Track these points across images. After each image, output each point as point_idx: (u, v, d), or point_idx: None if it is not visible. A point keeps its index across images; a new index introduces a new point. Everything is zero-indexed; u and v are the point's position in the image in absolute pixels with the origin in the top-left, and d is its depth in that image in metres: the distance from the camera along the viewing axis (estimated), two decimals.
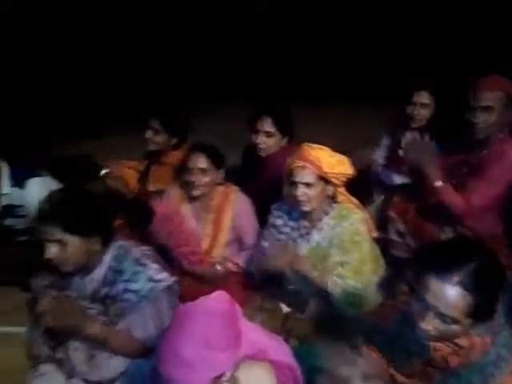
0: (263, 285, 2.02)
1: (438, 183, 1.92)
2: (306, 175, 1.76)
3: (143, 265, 1.50)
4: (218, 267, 2.06)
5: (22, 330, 1.95)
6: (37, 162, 2.45)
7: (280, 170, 1.94)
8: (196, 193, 1.99)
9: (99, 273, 1.49)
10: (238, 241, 2.14)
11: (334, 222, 1.85)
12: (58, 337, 1.51)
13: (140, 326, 1.47)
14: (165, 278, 1.52)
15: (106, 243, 1.48)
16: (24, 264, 2.06)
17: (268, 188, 2.12)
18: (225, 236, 2.06)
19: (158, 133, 2.31)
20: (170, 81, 5.35)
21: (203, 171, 1.98)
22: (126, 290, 1.46)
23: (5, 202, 2.22)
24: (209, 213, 2.07)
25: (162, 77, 5.47)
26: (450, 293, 1.00)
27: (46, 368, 1.56)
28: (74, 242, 1.38)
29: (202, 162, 1.97)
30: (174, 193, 2.12)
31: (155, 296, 1.48)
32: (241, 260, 2.09)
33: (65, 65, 5.20)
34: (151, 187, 2.35)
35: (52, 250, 1.37)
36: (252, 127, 2.33)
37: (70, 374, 1.54)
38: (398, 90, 2.57)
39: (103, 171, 2.32)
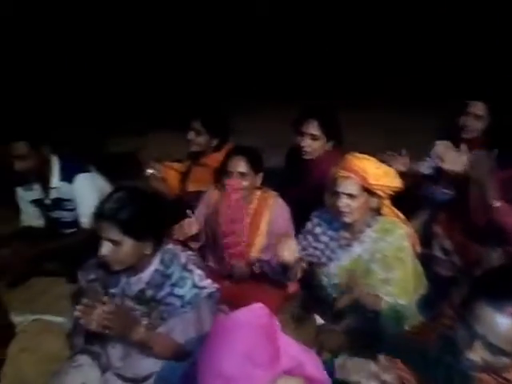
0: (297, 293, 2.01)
1: (497, 203, 1.82)
2: (349, 186, 1.71)
3: (189, 270, 1.51)
4: (256, 266, 2.05)
5: (64, 320, 2.05)
6: (85, 157, 2.55)
7: (324, 174, 1.90)
8: (235, 197, 2.00)
9: (146, 274, 1.52)
10: (273, 245, 2.12)
11: (376, 235, 1.79)
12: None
13: (181, 330, 1.48)
14: (208, 285, 1.53)
15: (157, 247, 1.50)
16: (70, 256, 2.15)
17: (310, 193, 2.09)
18: (261, 241, 2.06)
19: (199, 134, 2.33)
20: (211, 80, 5.40)
21: (242, 175, 1.98)
22: (171, 294, 1.49)
23: (54, 195, 2.32)
24: (247, 216, 2.06)
25: (205, 76, 5.52)
26: (503, 322, 0.95)
27: (83, 359, 1.60)
28: (128, 244, 1.40)
29: (241, 165, 1.98)
30: (213, 195, 2.13)
31: (198, 302, 1.49)
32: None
33: (112, 62, 5.33)
34: (190, 188, 2.38)
35: (107, 249, 1.40)
36: (297, 129, 2.31)
37: (105, 368, 1.59)
38: (444, 96, 2.46)
39: (147, 172, 2.36)
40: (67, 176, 2.28)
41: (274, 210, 2.08)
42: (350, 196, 1.71)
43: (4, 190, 2.45)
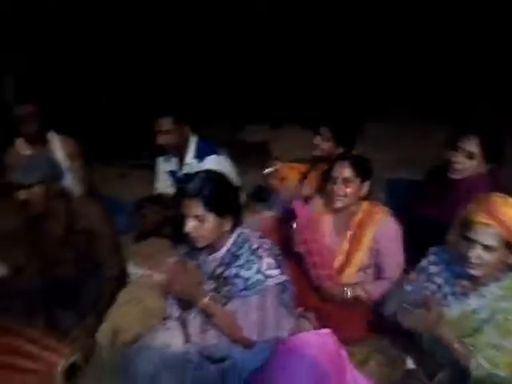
0: (389, 327, 1.83)
1: None
2: (488, 236, 1.44)
3: (258, 256, 1.54)
4: (347, 291, 1.93)
5: None
6: (220, 141, 2.74)
7: (468, 200, 1.61)
8: (338, 204, 1.91)
9: (220, 253, 1.61)
10: (376, 267, 1.97)
11: (501, 292, 1.51)
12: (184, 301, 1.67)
13: (243, 313, 1.53)
14: (276, 274, 1.53)
15: (235, 225, 1.58)
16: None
17: (445, 215, 1.79)
18: (361, 258, 1.92)
19: (326, 140, 2.29)
20: (345, 82, 5.18)
21: (347, 181, 1.88)
22: (237, 276, 1.54)
23: (185, 170, 2.56)
24: (348, 229, 1.95)
25: (340, 77, 5.30)
26: None
27: (172, 324, 1.75)
28: (211, 219, 1.50)
29: (346, 171, 1.88)
30: (317, 202, 2.07)
31: (261, 289, 1.51)
32: (374, 291, 1.91)
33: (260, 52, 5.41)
34: (304, 191, 2.37)
35: (192, 225, 1.51)
36: (453, 143, 2.06)
37: (187, 338, 1.71)
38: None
39: (268, 169, 2.42)
40: (200, 155, 2.49)
41: (382, 227, 1.90)
42: (486, 247, 1.45)
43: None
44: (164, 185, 2.74)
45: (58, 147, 2.74)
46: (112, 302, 2.10)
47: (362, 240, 1.91)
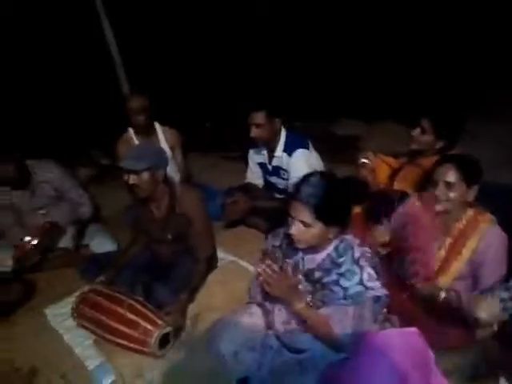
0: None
1: None
2: None
3: (360, 266, 1.50)
4: (442, 294, 1.83)
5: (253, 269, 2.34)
6: (313, 134, 2.75)
7: None
8: (438, 208, 1.78)
9: (320, 257, 1.59)
10: (473, 278, 1.82)
11: None
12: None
13: (338, 320, 1.51)
14: (376, 286, 1.49)
15: (340, 233, 1.56)
16: (273, 217, 2.43)
17: None
18: (458, 268, 1.78)
19: (425, 132, 2.15)
20: (450, 75, 4.76)
21: (450, 186, 1.73)
22: (337, 283, 1.52)
23: (275, 163, 2.63)
24: (448, 236, 1.82)
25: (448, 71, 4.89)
26: None
27: (255, 309, 1.84)
28: (318, 227, 1.49)
29: (449, 175, 1.73)
30: (414, 203, 1.97)
31: (361, 300, 1.48)
32: (468, 301, 1.77)
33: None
34: (396, 185, 2.27)
35: (297, 228, 1.51)
36: None
37: (269, 326, 1.78)
38: None
39: (360, 160, 2.36)
40: (289, 148, 2.53)
41: (486, 238, 1.74)
42: None
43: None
44: (254, 176, 2.85)
45: (162, 137, 3.01)
46: (202, 283, 2.28)
47: (461, 251, 1.77)
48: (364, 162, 2.34)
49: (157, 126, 3.00)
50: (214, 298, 2.27)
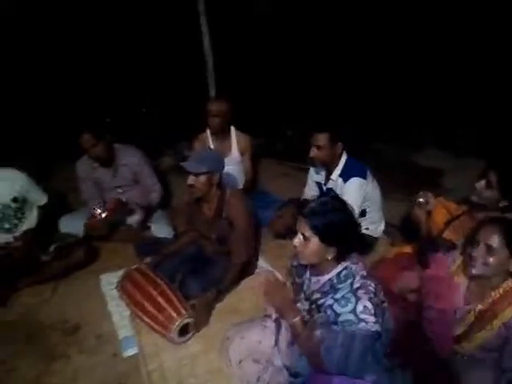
0: None
1: None
2: None
3: (357, 297, 1.50)
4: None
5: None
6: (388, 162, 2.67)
7: None
8: (474, 271, 1.64)
9: (323, 279, 1.62)
10: (499, 351, 1.63)
11: None
12: None
13: (327, 345, 1.52)
14: (369, 320, 1.46)
15: (340, 258, 1.58)
16: None
17: None
18: (485, 338, 1.63)
19: (490, 187, 1.98)
20: None
21: (491, 250, 1.59)
22: (331, 307, 1.54)
23: (330, 185, 2.63)
24: (480, 302, 1.67)
25: None
26: None
27: (269, 324, 1.91)
28: (314, 241, 1.54)
29: (493, 238, 1.59)
30: (456, 256, 1.83)
31: (350, 330, 1.47)
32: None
33: None
34: (447, 234, 2.12)
35: (298, 240, 1.59)
36: None
37: (276, 342, 1.84)
38: None
39: (417, 199, 2.26)
40: (345, 174, 2.52)
41: None
42: None
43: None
44: (311, 193, 2.87)
45: (235, 141, 3.19)
46: (233, 286, 2.41)
47: (492, 321, 1.63)
48: (420, 202, 2.24)
49: (232, 129, 3.19)
50: (242, 303, 2.38)
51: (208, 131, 3.17)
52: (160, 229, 2.98)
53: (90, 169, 2.96)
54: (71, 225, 2.92)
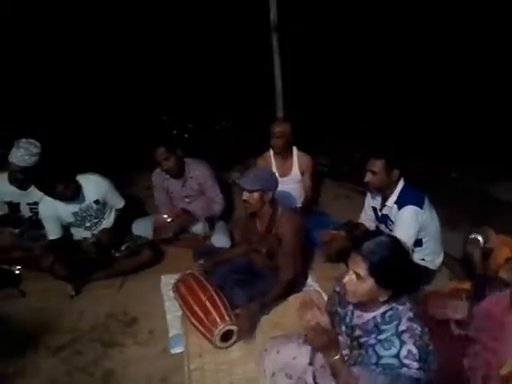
0: None
1: None
2: None
3: (402, 340, 1.45)
4: None
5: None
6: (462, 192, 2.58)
7: None
8: None
9: (367, 316, 1.60)
10: None
11: None
12: None
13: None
14: (413, 366, 1.42)
15: (392, 298, 1.54)
16: None
17: None
18: None
19: None
20: None
21: None
22: (373, 348, 1.50)
23: (385, 211, 2.60)
24: None
25: None
26: None
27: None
28: (369, 283, 1.51)
29: None
30: (501, 301, 1.72)
31: (393, 374, 1.44)
32: None
33: None
34: (502, 273, 2.00)
35: (350, 279, 1.55)
36: None
37: (310, 361, 1.87)
38: None
39: (472, 235, 2.15)
40: (401, 202, 2.48)
41: None
42: None
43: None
44: (367, 218, 2.86)
45: (296, 161, 3.30)
46: (278, 300, 2.48)
47: None
48: (474, 239, 2.14)
49: (294, 150, 3.31)
50: (285, 318, 2.43)
51: (271, 150, 3.32)
52: (219, 239, 3.17)
53: (163, 179, 3.26)
54: (142, 228, 3.23)
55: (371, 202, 2.79)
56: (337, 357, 1.60)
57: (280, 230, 2.43)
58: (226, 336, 2.24)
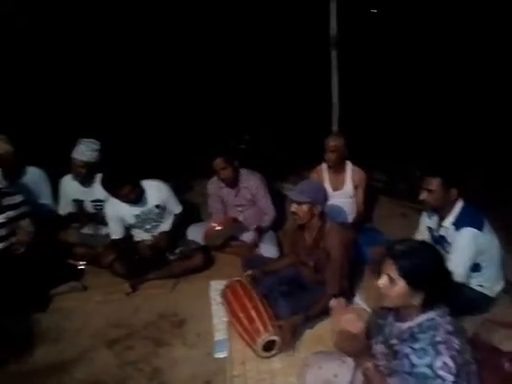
0: None
1: None
2: None
3: (437, 351, 1.42)
4: None
5: None
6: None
7: None
8: None
9: (404, 326, 1.57)
10: None
11: None
12: None
13: None
14: (447, 378, 1.38)
15: (426, 306, 1.52)
16: None
17: None
18: None
19: None
20: None
21: None
22: (407, 357, 1.49)
23: (442, 232, 2.50)
24: None
25: None
26: None
27: (348, 361, 1.89)
28: (401, 285, 1.51)
29: None
30: None
31: (423, 383, 1.41)
32: None
33: None
34: None
35: (383, 281, 1.57)
36: None
37: (352, 381, 1.85)
38: None
39: None
40: (459, 223, 2.36)
41: None
42: None
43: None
44: (422, 236, 2.75)
45: (349, 176, 3.27)
46: (322, 315, 2.46)
47: None
48: None
49: (348, 164, 3.29)
50: (328, 334, 2.40)
51: (324, 164, 3.32)
52: (267, 249, 3.22)
53: (218, 188, 3.39)
54: (196, 233, 3.37)
55: (427, 221, 2.69)
56: (368, 365, 1.60)
57: (328, 243, 2.43)
58: (269, 346, 2.26)
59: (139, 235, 3.19)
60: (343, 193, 3.26)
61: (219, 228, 3.14)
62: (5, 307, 2.67)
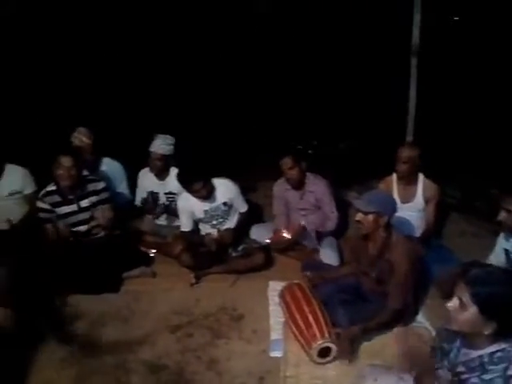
0: None
1: None
2: None
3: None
4: None
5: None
6: None
7: None
8: None
9: (473, 354, 1.50)
10: None
11: None
12: None
13: None
14: None
15: (498, 336, 1.44)
16: None
17: None
18: None
19: None
20: None
21: None
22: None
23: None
24: None
25: None
26: None
27: (407, 379, 1.89)
28: (472, 311, 1.42)
29: None
30: None
31: None
32: None
33: None
34: None
35: (453, 304, 1.48)
36: None
37: None
38: None
39: None
40: None
41: None
42: None
43: None
44: (497, 261, 2.59)
45: (421, 188, 3.16)
46: (382, 329, 2.42)
47: None
48: None
49: (421, 177, 3.17)
50: (387, 349, 2.38)
51: (394, 175, 3.24)
52: (327, 255, 3.21)
53: (283, 190, 3.45)
54: (259, 233, 3.46)
55: (504, 243, 2.53)
56: None
57: (394, 256, 2.38)
58: (324, 352, 2.27)
59: (206, 230, 3.34)
60: (412, 206, 3.15)
61: (288, 237, 3.22)
62: (82, 286, 2.96)
